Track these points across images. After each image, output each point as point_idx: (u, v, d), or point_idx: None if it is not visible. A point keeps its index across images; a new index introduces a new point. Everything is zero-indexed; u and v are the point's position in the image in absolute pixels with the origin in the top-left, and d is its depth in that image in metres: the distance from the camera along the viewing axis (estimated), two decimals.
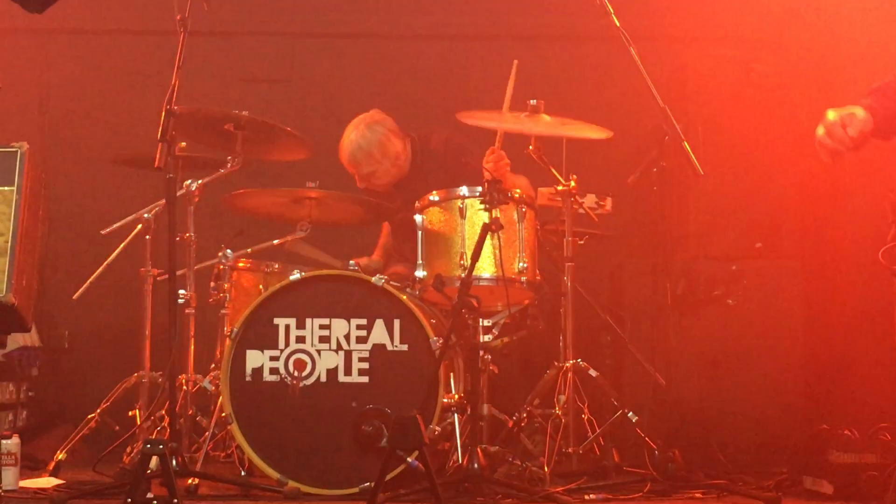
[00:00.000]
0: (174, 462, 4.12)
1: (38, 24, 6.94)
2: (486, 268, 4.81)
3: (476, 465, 4.38)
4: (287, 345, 4.71)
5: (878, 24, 5.65)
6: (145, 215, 5.26)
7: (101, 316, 6.61)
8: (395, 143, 5.82)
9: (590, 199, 5.33)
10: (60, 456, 5.09)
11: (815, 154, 5.41)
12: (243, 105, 5.15)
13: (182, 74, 4.38)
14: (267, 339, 4.71)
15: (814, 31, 5.97)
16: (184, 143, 5.15)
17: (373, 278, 4.72)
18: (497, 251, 4.73)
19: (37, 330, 6.30)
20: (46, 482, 4.77)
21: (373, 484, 4.08)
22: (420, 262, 4.93)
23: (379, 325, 4.69)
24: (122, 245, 5.38)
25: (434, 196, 4.97)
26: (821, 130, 3.59)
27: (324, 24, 6.89)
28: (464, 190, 4.91)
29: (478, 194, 4.83)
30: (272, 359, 4.70)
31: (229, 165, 5.16)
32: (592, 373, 5.07)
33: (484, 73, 6.69)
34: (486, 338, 4.79)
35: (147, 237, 5.27)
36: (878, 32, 5.62)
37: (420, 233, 4.96)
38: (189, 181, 5.14)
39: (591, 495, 4.51)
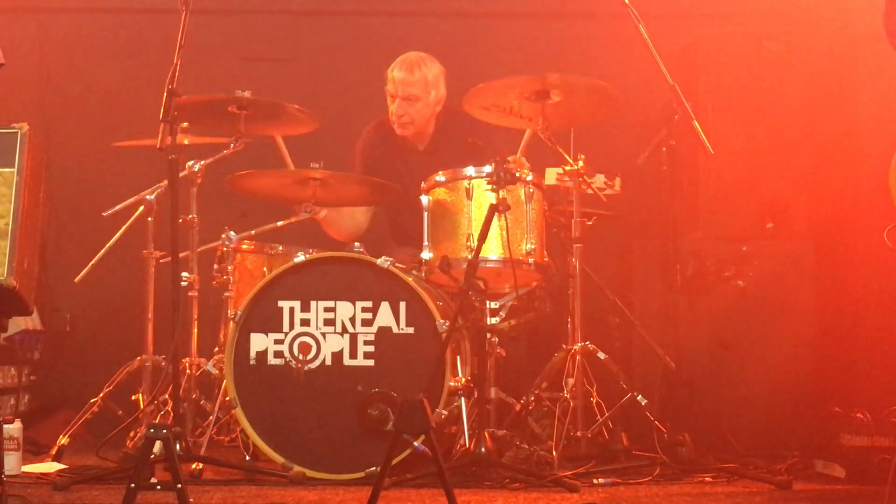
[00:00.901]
0: (178, 446, 4.09)
1: (38, 2, 6.94)
2: (493, 249, 4.76)
3: (483, 450, 4.35)
4: (291, 328, 4.66)
5: None
6: (147, 197, 5.20)
7: (104, 299, 6.57)
8: (443, 89, 5.72)
9: (598, 180, 5.28)
10: (63, 440, 5.05)
11: (826, 133, 5.36)
12: (246, 84, 5.09)
13: (184, 54, 4.33)
14: (271, 322, 4.66)
15: (826, 6, 5.89)
16: (186, 124, 5.09)
17: (378, 260, 4.66)
18: (504, 232, 4.67)
19: (38, 313, 6.27)
20: (49, 467, 4.75)
21: (379, 468, 4.03)
22: (426, 243, 4.88)
23: (384, 307, 4.64)
24: (124, 227, 5.33)
25: (440, 176, 4.92)
26: None
27: (326, 1, 6.82)
28: (470, 170, 4.85)
29: (484, 175, 4.77)
30: (276, 342, 4.66)
31: (232, 146, 5.11)
32: (601, 355, 5.04)
33: (492, 50, 6.63)
34: (494, 320, 4.75)
35: (149, 219, 5.21)
36: None
37: (426, 214, 4.90)
38: (192, 162, 5.09)
39: (599, 479, 4.47)
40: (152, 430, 3.75)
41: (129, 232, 5.33)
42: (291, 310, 4.68)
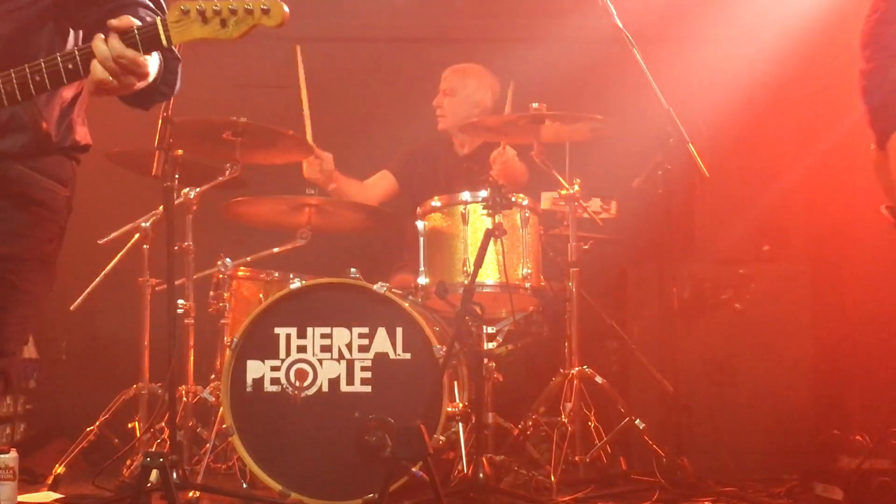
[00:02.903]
0: (175, 475, 4.06)
1: None
2: (489, 274, 4.76)
3: (481, 475, 4.33)
4: (288, 354, 4.65)
5: None
6: (143, 224, 5.20)
7: (99, 327, 6.55)
8: (486, 98, 5.90)
9: (594, 203, 5.28)
10: (59, 470, 5.01)
11: (822, 155, 5.37)
12: (240, 111, 5.10)
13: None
14: (267, 349, 4.65)
15: (819, 28, 5.91)
16: (181, 151, 5.09)
17: (374, 286, 4.66)
18: (500, 257, 4.67)
19: (34, 342, 6.25)
20: (45, 496, 4.72)
21: (377, 495, 4.01)
22: (422, 268, 4.88)
23: (381, 333, 4.62)
24: (119, 255, 5.32)
25: (436, 202, 4.92)
26: None
27: (322, 28, 6.83)
28: (466, 195, 4.86)
29: (480, 199, 4.77)
30: (273, 369, 4.64)
31: (227, 173, 5.11)
32: (599, 379, 5.03)
33: None
34: (491, 345, 4.75)
35: (145, 246, 5.21)
36: None
37: (422, 239, 4.91)
38: (187, 189, 5.09)
39: None
40: (149, 459, 3.74)
41: (124, 259, 5.32)
42: (288, 336, 4.66)
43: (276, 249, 5.33)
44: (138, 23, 2.45)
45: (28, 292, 2.81)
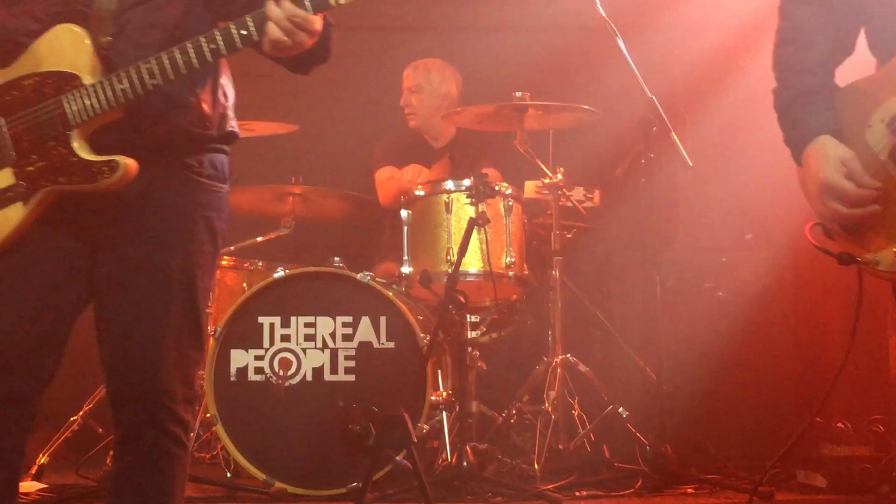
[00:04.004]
0: None
1: None
2: (473, 263, 4.77)
3: (465, 464, 4.34)
4: (272, 344, 4.65)
5: None
6: None
7: (82, 316, 6.51)
8: (452, 89, 5.92)
9: (578, 192, 5.29)
10: (42, 460, 5.00)
11: None
12: None
13: None
14: (251, 339, 4.65)
15: None
16: None
17: (358, 275, 4.66)
18: (484, 246, 4.68)
19: None
20: (29, 486, 4.70)
21: (360, 484, 4.02)
22: (406, 257, 4.88)
23: (365, 322, 4.63)
24: None
25: (419, 190, 4.92)
26: None
27: None
28: (449, 184, 4.86)
29: (464, 188, 4.78)
30: (257, 358, 4.64)
31: None
32: (582, 368, 5.04)
33: (469, 64, 6.63)
34: (474, 334, 4.76)
35: None
36: None
37: (406, 228, 4.91)
38: None
39: (582, 492, 4.47)
40: None
41: None
42: (272, 325, 4.66)
43: (259, 238, 5.32)
44: None
45: None
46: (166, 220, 2.69)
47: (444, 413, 4.58)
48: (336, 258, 4.82)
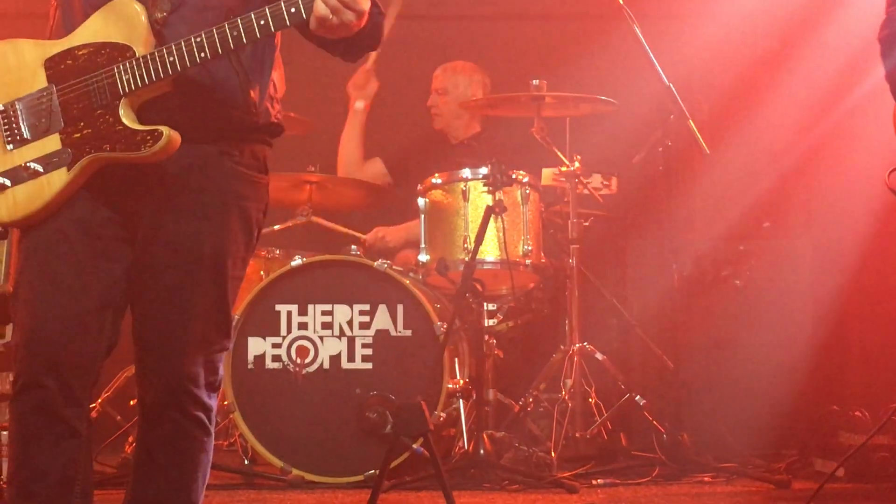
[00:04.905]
0: None
1: (39, 8, 6.91)
2: (489, 251, 4.76)
3: (482, 451, 4.35)
4: (289, 332, 4.66)
5: None
6: None
7: None
8: (477, 92, 5.86)
9: (595, 179, 5.27)
10: None
11: (823, 131, 5.34)
12: None
13: None
14: (269, 326, 4.66)
15: (821, 7, 5.88)
16: None
17: (375, 263, 4.66)
18: (501, 234, 4.67)
19: None
20: None
21: (377, 471, 4.03)
22: (423, 245, 4.88)
23: (382, 310, 4.63)
24: None
25: (436, 178, 4.92)
26: None
27: None
28: (466, 172, 4.85)
29: (481, 176, 4.77)
30: (274, 346, 4.66)
31: None
32: (599, 356, 5.03)
33: (488, 52, 6.62)
34: (491, 322, 4.76)
35: None
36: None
37: (423, 216, 4.90)
38: None
39: (598, 480, 4.48)
40: None
41: None
42: (289, 313, 4.67)
43: (276, 227, 5.32)
44: None
45: None
46: (202, 205, 2.70)
47: (460, 401, 4.58)
48: (353, 246, 4.83)
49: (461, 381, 4.63)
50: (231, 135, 2.73)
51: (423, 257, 4.86)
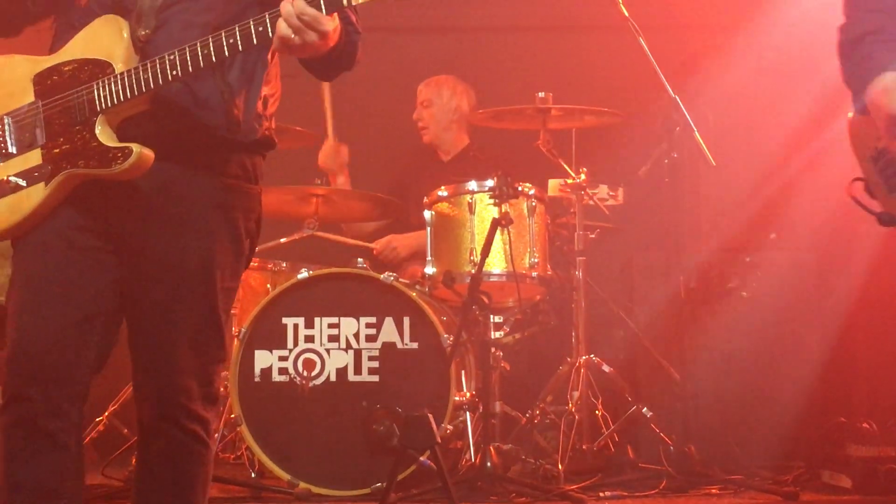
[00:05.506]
0: None
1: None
2: (496, 263, 4.76)
3: (489, 464, 4.34)
4: (296, 344, 4.66)
5: None
6: None
7: None
8: (462, 104, 5.93)
9: (602, 190, 5.27)
10: None
11: (829, 142, 5.32)
12: None
13: None
14: (276, 339, 4.66)
15: (826, 17, 5.88)
16: None
17: (381, 276, 4.67)
18: (507, 246, 4.67)
19: None
20: None
21: (384, 484, 4.03)
22: (429, 258, 4.89)
23: (388, 323, 4.64)
24: None
25: (442, 191, 4.93)
26: None
27: None
28: (472, 185, 4.86)
29: (487, 189, 4.77)
30: (281, 359, 4.66)
31: None
32: (606, 368, 5.03)
33: (490, 65, 6.63)
34: (498, 334, 4.76)
35: None
36: None
37: (429, 229, 4.91)
38: None
39: (605, 492, 4.47)
40: None
41: None
42: (296, 326, 4.68)
43: (283, 240, 5.33)
44: None
45: None
46: (186, 218, 2.70)
47: (467, 413, 4.58)
48: (359, 259, 4.83)
49: (468, 394, 4.62)
50: (212, 151, 2.72)
51: (430, 270, 4.87)
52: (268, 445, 4.60)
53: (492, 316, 4.66)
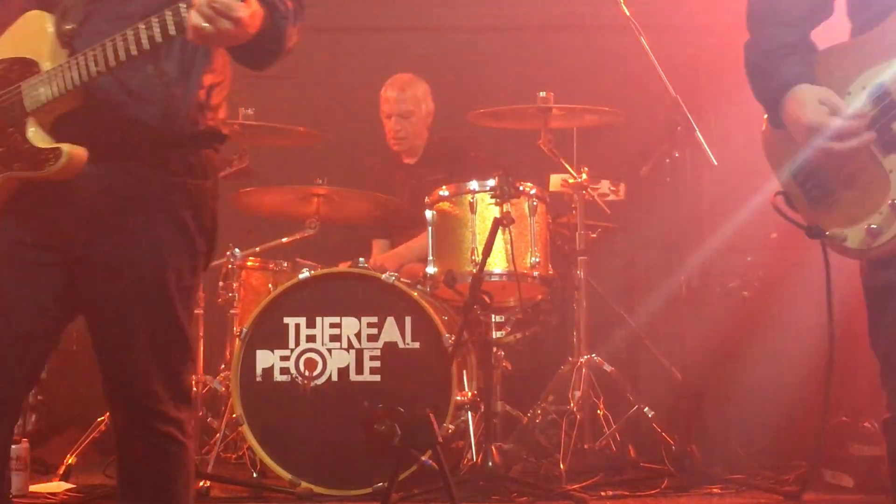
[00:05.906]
0: None
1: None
2: (497, 263, 4.76)
3: (490, 464, 4.34)
4: (297, 344, 4.66)
5: None
6: None
7: None
8: (430, 104, 5.85)
9: (604, 186, 5.27)
10: (70, 460, 5.02)
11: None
12: (249, 102, 5.10)
13: None
14: (277, 339, 4.66)
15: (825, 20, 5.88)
16: None
17: (383, 275, 4.66)
18: (509, 246, 4.67)
19: None
20: (57, 487, 4.74)
21: (386, 484, 4.03)
22: (431, 258, 4.89)
23: (390, 322, 4.64)
24: None
25: (444, 191, 4.92)
26: None
27: (327, 18, 6.84)
28: (474, 184, 4.85)
29: (488, 188, 4.77)
30: (283, 358, 4.66)
31: (235, 163, 5.12)
32: (607, 367, 5.03)
33: (494, 63, 6.64)
34: (499, 334, 4.76)
35: None
36: None
37: (430, 228, 4.91)
38: None
39: (607, 492, 4.47)
40: None
41: None
42: (297, 326, 4.67)
43: (284, 239, 5.33)
44: None
45: None
46: (132, 219, 2.62)
47: (469, 413, 4.58)
48: (361, 259, 4.83)
49: (469, 394, 4.62)
50: (151, 146, 2.62)
51: (431, 269, 4.86)
52: (269, 445, 4.60)
53: (493, 315, 4.66)
